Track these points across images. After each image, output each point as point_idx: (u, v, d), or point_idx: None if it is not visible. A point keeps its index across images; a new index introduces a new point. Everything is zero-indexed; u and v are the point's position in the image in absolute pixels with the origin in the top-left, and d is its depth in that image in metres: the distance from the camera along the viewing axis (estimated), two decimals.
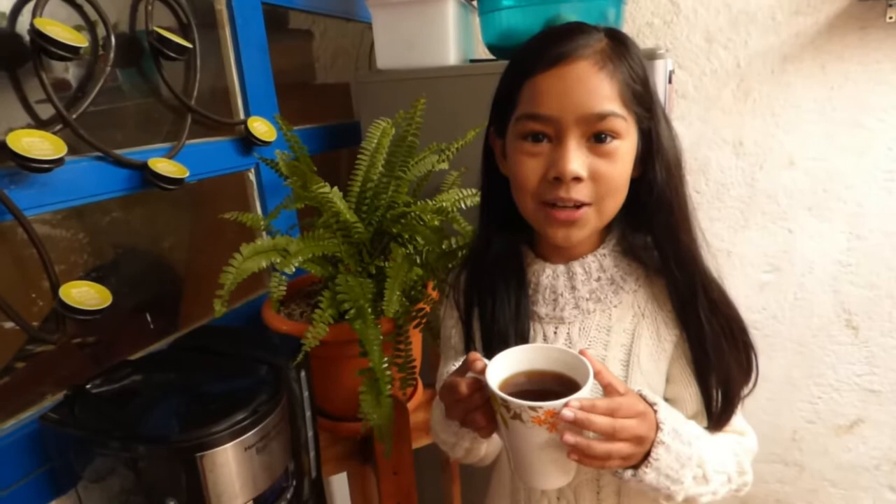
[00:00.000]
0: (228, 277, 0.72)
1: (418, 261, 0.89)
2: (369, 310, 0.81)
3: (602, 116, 0.54)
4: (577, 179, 0.54)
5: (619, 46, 0.56)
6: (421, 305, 0.89)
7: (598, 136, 0.55)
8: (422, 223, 0.88)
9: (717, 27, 1.48)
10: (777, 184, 1.54)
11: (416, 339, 0.94)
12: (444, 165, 0.97)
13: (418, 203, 0.91)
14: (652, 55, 0.93)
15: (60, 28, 0.69)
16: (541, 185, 0.57)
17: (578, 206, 0.56)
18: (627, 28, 1.52)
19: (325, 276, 0.89)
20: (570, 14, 1.08)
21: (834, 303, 1.57)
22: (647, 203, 0.59)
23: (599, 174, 0.55)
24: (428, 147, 0.97)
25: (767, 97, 1.49)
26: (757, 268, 1.61)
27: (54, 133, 0.70)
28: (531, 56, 0.57)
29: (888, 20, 1.37)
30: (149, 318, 0.99)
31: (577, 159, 0.54)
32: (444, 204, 0.90)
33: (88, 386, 0.72)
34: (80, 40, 0.69)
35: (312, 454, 0.85)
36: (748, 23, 1.46)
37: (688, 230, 0.59)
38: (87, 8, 0.78)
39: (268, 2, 1.12)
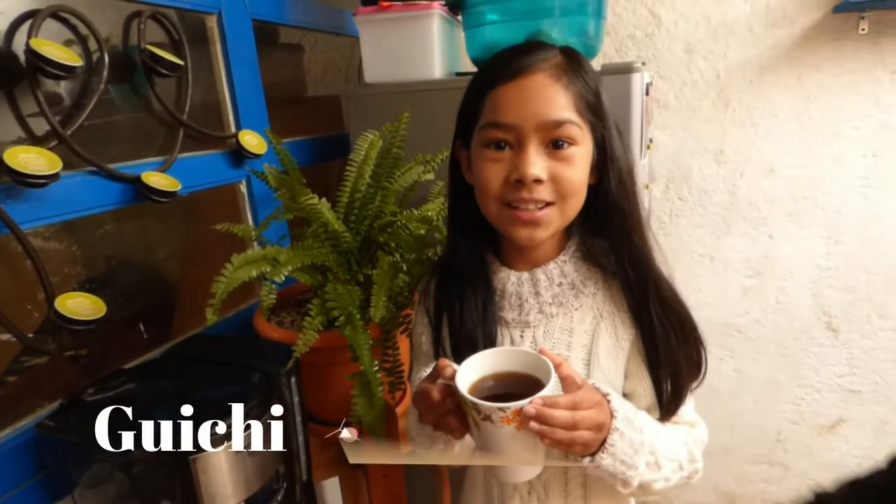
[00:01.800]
0: (220, 286, 0.74)
1: (405, 268, 0.92)
2: (358, 316, 0.83)
3: (559, 123, 0.58)
4: (538, 182, 0.59)
5: (573, 62, 0.61)
6: (407, 311, 0.92)
7: (555, 143, 0.59)
8: (407, 232, 0.91)
9: (696, 39, 1.52)
10: (757, 191, 1.58)
11: (403, 344, 0.97)
12: (430, 176, 1.00)
13: (404, 213, 0.93)
14: (628, 69, 0.97)
15: (55, 48, 0.71)
16: (503, 188, 0.61)
17: (541, 206, 0.60)
18: (610, 41, 1.57)
19: (314, 285, 0.91)
20: (552, 28, 1.12)
21: (814, 306, 1.61)
22: (603, 208, 0.63)
23: (558, 176, 0.59)
24: (414, 158, 1.00)
25: (747, 107, 1.54)
26: (739, 273, 1.65)
27: (49, 149, 0.72)
28: (493, 70, 0.61)
29: (861, 32, 1.42)
30: (142, 328, 1.01)
31: (537, 163, 0.58)
32: (428, 213, 0.93)
33: (83, 394, 0.74)
34: (75, 59, 0.72)
35: (303, 458, 0.87)
36: (727, 35, 1.51)
37: (640, 233, 0.64)
38: (81, 26, 0.81)
39: (258, 18, 1.15)
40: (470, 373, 0.54)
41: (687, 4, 1.51)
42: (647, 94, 1.05)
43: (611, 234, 0.64)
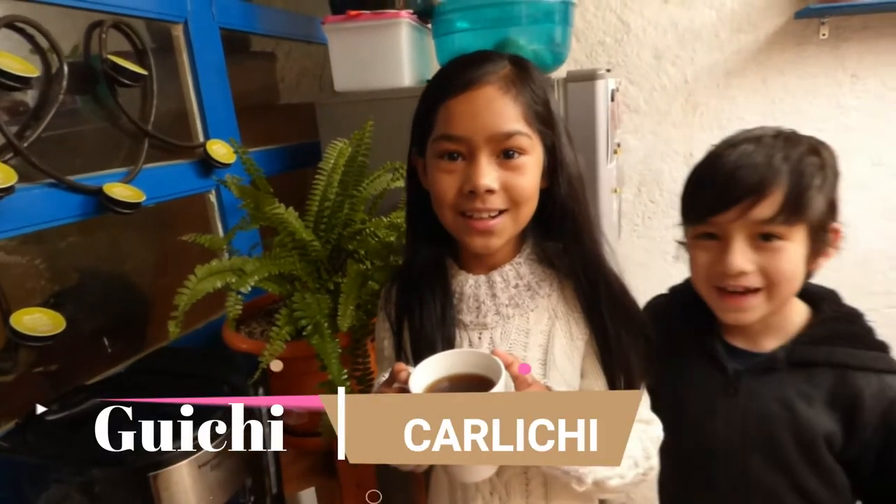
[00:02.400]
0: (183, 298, 0.74)
1: (374, 276, 0.92)
2: (326, 325, 0.83)
3: (509, 135, 0.60)
4: (490, 192, 0.60)
5: (521, 72, 0.62)
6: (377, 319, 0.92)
7: (506, 153, 0.60)
8: (376, 239, 0.91)
9: (665, 45, 1.55)
10: None
11: (374, 352, 0.96)
12: (400, 183, 1.00)
13: (373, 220, 0.93)
14: (593, 76, 0.98)
15: (11, 59, 0.70)
16: (458, 198, 0.62)
17: (494, 215, 0.62)
18: (581, 47, 1.59)
19: (283, 295, 0.91)
20: (520, 36, 1.13)
21: None
22: (554, 212, 0.65)
23: (510, 186, 0.61)
24: (382, 166, 1.01)
25: (714, 110, 1.57)
26: None
27: (5, 161, 0.71)
28: (443, 83, 0.63)
29: (822, 37, 1.46)
30: (106, 343, 0.99)
31: (488, 174, 0.60)
32: (397, 220, 0.93)
33: (42, 412, 0.72)
34: (31, 70, 0.71)
35: (273, 470, 0.86)
36: (694, 40, 1.54)
37: (590, 235, 0.66)
38: (40, 37, 0.80)
39: (226, 27, 1.14)
40: (425, 375, 0.55)
41: (654, 11, 1.54)
42: (612, 99, 1.07)
43: (562, 236, 0.66)
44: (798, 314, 0.73)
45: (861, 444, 0.67)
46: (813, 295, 0.74)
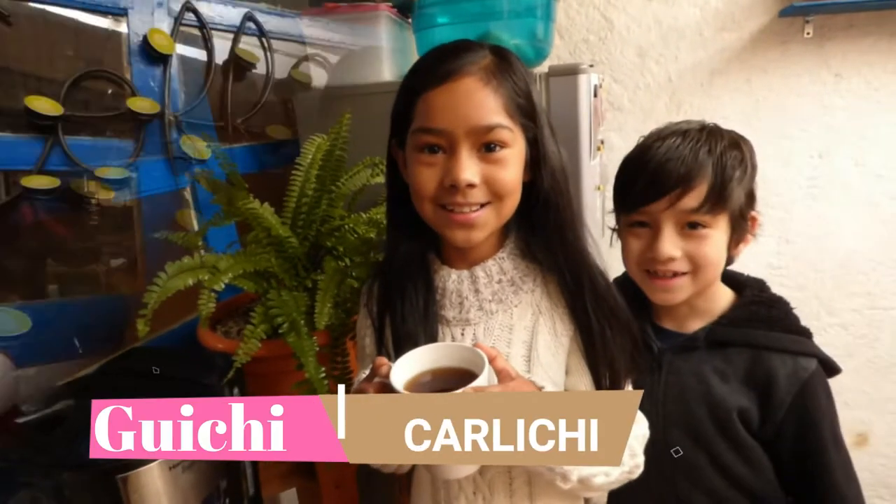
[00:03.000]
0: (152, 296, 0.72)
1: (353, 273, 0.90)
2: (302, 322, 0.81)
3: (490, 128, 0.58)
4: (471, 186, 0.59)
5: (502, 63, 0.61)
6: (357, 317, 0.90)
7: (487, 146, 0.59)
8: (355, 235, 0.90)
9: (648, 43, 1.55)
10: None
11: (353, 350, 0.95)
12: (380, 179, 0.99)
13: (351, 216, 0.92)
14: (575, 70, 0.97)
15: None
16: (438, 191, 0.60)
17: (476, 208, 0.60)
18: (564, 44, 1.58)
19: (259, 293, 0.89)
20: (501, 31, 1.12)
21: None
22: (537, 205, 0.64)
23: (491, 179, 0.59)
24: (361, 161, 0.99)
25: (698, 109, 1.56)
26: None
27: None
28: (423, 74, 0.61)
29: (806, 36, 1.46)
30: (77, 344, 0.96)
31: (469, 168, 0.58)
32: (377, 216, 0.92)
33: (11, 414, 0.70)
34: None
35: (249, 472, 0.84)
36: (678, 39, 1.54)
37: (573, 229, 0.64)
38: None
39: None
40: (406, 369, 0.53)
41: (638, 8, 1.53)
42: (595, 95, 1.06)
43: (546, 230, 0.64)
44: (723, 298, 0.78)
45: (777, 423, 0.70)
46: (740, 282, 0.80)
